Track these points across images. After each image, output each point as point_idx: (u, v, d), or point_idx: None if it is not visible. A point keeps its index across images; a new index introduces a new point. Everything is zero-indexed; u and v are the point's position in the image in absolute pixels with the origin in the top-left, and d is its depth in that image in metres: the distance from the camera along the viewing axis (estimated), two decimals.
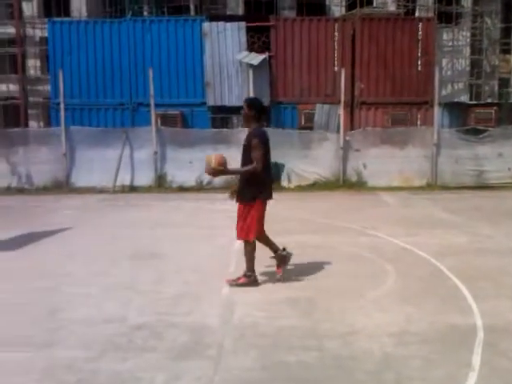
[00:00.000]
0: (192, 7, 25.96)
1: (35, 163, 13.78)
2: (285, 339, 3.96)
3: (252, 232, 5.16)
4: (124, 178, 13.43)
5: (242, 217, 5.21)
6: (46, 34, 17.97)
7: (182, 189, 13.26)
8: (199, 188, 13.31)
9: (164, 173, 13.56)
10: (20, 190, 13.51)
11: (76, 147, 13.77)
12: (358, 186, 13.47)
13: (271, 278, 5.45)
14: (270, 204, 5.34)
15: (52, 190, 13.45)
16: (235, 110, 13.86)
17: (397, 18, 17.13)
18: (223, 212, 9.99)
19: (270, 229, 5.45)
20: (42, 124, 24.86)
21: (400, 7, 21.20)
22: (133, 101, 15.56)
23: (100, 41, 15.82)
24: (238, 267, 5.54)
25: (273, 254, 5.47)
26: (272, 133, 13.70)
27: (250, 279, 5.25)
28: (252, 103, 5.31)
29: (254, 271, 5.28)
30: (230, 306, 4.70)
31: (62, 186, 13.56)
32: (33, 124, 25.67)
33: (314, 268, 5.85)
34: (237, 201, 5.28)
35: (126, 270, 5.92)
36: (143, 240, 7.55)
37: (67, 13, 26.30)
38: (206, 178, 13.41)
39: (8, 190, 13.49)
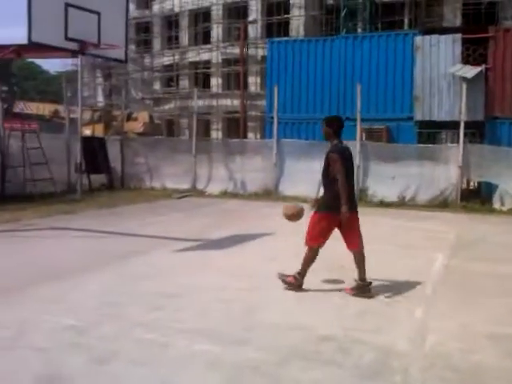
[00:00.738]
0: (406, 21, 25.48)
1: (249, 171, 14.97)
2: (479, 379, 3.61)
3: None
4: None
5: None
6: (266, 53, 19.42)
7: (383, 204, 13.02)
8: (400, 204, 12.92)
9: (365, 187, 13.51)
10: (234, 195, 14.80)
11: (285, 158, 14.56)
12: None
13: (471, 308, 5.05)
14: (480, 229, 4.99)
15: (262, 196, 14.42)
16: (445, 125, 13.16)
17: None
18: (424, 231, 9.58)
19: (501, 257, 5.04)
20: (258, 136, 26.93)
21: None
22: (340, 115, 15.87)
23: (313, 58, 16.51)
24: (435, 290, 5.26)
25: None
26: (485, 150, 12.85)
27: (297, 282, 5.52)
28: (330, 120, 5.54)
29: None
30: (422, 330, 4.47)
31: (271, 194, 14.45)
32: (250, 135, 27.98)
33: None
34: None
35: (317, 280, 6.06)
36: (337, 252, 7.61)
37: (286, 33, 28.08)
38: (409, 194, 13.00)
39: (224, 194, 14.90)
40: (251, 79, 30.03)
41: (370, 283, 5.46)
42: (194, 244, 7.98)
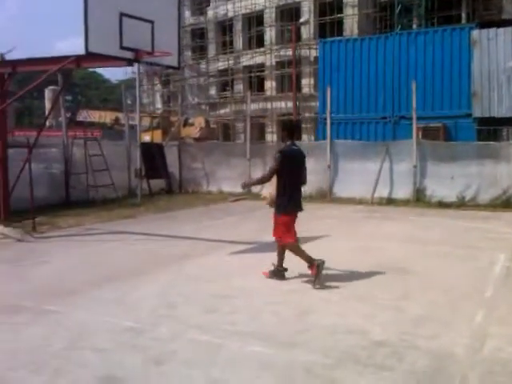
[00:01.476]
0: (464, 15, 24.66)
1: None
2: None
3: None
4: (382, 191, 13.53)
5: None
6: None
7: (442, 204, 12.64)
8: (460, 204, 12.51)
9: (423, 187, 13.17)
10: None
11: (339, 159, 14.43)
12: None
13: None
14: None
15: (316, 198, 14.33)
16: (506, 122, 12.65)
17: None
18: (484, 231, 9.27)
19: None
20: (312, 137, 26.81)
21: None
22: (395, 114, 15.60)
23: (366, 57, 16.32)
24: (497, 292, 5.08)
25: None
26: None
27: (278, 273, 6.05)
28: (285, 125, 6.29)
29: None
30: (481, 335, 4.34)
31: (325, 195, 14.35)
32: (305, 137, 27.90)
33: None
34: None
35: (373, 283, 5.98)
36: (394, 254, 7.52)
37: (340, 32, 27.83)
38: (469, 193, 12.57)
39: None
40: (304, 81, 29.96)
41: (286, 269, 6.13)
42: (248, 247, 8.07)
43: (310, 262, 5.84)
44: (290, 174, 5.92)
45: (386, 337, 4.31)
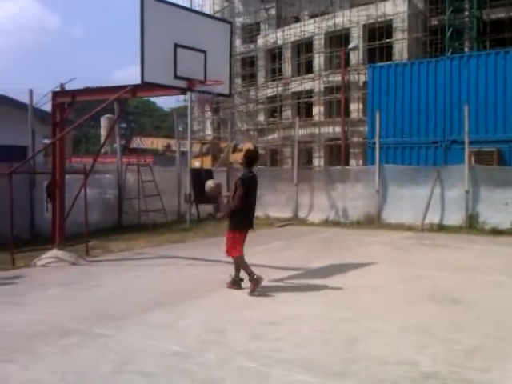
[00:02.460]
0: None
1: (351, 198, 14.78)
2: None
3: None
4: (433, 217, 13.18)
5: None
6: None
7: (495, 231, 12.16)
8: None
9: (475, 213, 12.74)
10: (336, 223, 14.68)
11: (388, 184, 14.21)
12: None
13: None
14: None
15: (364, 224, 14.15)
16: None
17: None
18: None
19: None
20: (361, 162, 26.61)
21: None
22: (446, 138, 15.30)
23: (416, 81, 16.16)
24: None
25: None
26: None
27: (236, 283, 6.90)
28: (245, 153, 6.98)
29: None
30: None
31: (373, 221, 14.14)
32: (353, 162, 27.72)
33: None
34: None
35: (423, 313, 5.82)
36: (446, 283, 7.30)
37: (389, 57, 27.72)
38: None
39: (326, 222, 14.84)
40: (353, 105, 29.89)
41: (242, 280, 6.91)
42: (295, 273, 8.03)
43: (251, 277, 6.66)
44: (246, 197, 6.79)
45: (436, 369, 4.18)
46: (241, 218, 6.83)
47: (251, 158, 7.01)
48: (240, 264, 6.88)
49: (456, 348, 4.67)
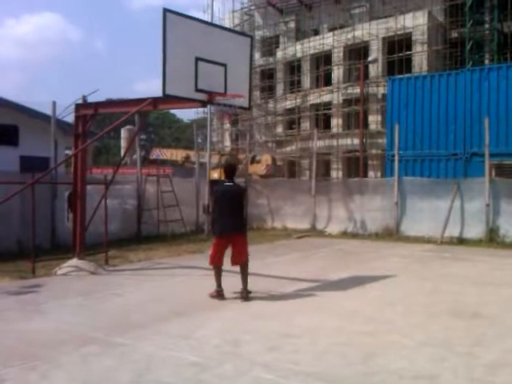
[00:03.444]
0: None
1: (369, 210, 14.74)
2: None
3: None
4: (452, 230, 13.06)
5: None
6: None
7: None
8: None
9: (496, 226, 12.59)
10: (354, 235, 14.62)
11: (407, 197, 14.13)
12: None
13: None
14: None
15: (383, 236, 14.07)
16: None
17: None
18: None
19: None
20: (379, 174, 26.46)
21: None
22: (466, 151, 15.19)
23: (436, 93, 16.11)
24: None
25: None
26: None
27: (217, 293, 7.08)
28: (223, 166, 7.59)
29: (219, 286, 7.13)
30: None
31: (392, 234, 14.05)
32: (371, 174, 27.59)
33: None
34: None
35: (443, 327, 5.75)
36: (467, 297, 7.21)
37: (409, 69, 27.62)
38: None
39: (344, 234, 14.79)
40: (372, 117, 29.80)
41: (250, 292, 7.15)
42: (313, 285, 8.01)
43: (218, 286, 7.10)
44: (220, 206, 7.03)
45: (456, 383, 4.13)
46: (216, 226, 7.17)
47: (229, 170, 7.32)
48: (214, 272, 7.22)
49: (476, 362, 4.60)
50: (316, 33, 34.23)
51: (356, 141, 28.80)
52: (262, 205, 16.82)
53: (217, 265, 7.18)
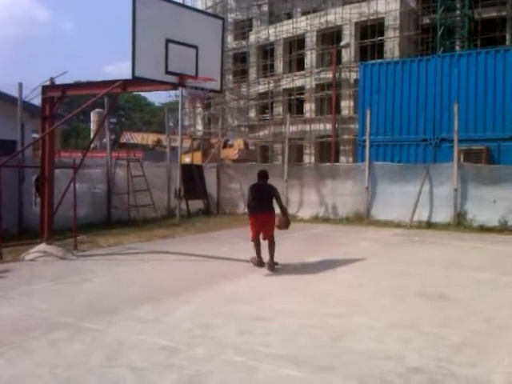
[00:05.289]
0: (508, 37, 24.25)
1: (341, 195, 14.85)
2: None
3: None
4: (421, 214, 13.28)
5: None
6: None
7: (483, 229, 12.30)
8: (502, 229, 12.14)
9: (464, 211, 12.86)
10: (326, 220, 14.74)
11: (377, 182, 14.27)
12: None
13: None
14: None
15: (353, 221, 14.22)
16: None
17: None
18: None
19: None
20: (350, 159, 26.70)
21: None
22: (436, 136, 15.41)
23: (407, 79, 16.25)
24: None
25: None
26: None
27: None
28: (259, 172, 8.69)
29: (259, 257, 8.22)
30: None
31: (362, 218, 14.21)
32: (343, 159, 27.82)
33: None
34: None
35: (411, 309, 5.88)
36: (434, 279, 7.37)
37: (381, 55, 27.79)
38: (511, 219, 12.22)
39: (316, 219, 14.89)
40: (344, 103, 29.96)
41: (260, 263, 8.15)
42: (284, 269, 8.06)
43: (258, 257, 8.19)
44: (256, 197, 8.31)
45: (422, 363, 4.23)
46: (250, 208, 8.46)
47: (260, 176, 8.61)
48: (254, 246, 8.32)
49: (442, 343, 4.72)
50: (289, 17, 34.09)
51: (328, 126, 28.94)
52: (235, 189, 16.78)
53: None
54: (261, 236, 8.27)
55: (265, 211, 8.28)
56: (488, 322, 5.38)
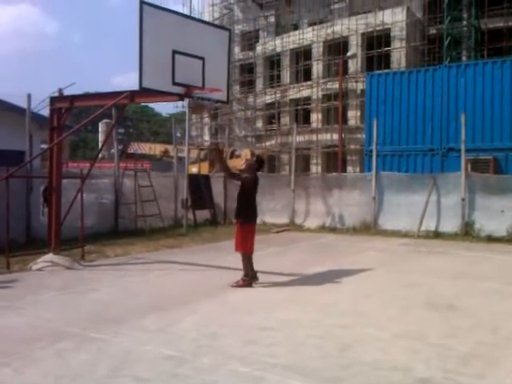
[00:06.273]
0: None
1: (347, 205, 14.83)
2: None
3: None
4: (429, 224, 13.23)
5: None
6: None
7: (491, 239, 12.23)
8: (510, 239, 12.05)
9: (471, 221, 12.79)
10: (332, 229, 14.71)
11: (384, 191, 14.25)
12: None
13: None
14: None
15: (360, 230, 14.18)
16: None
17: None
18: None
19: None
20: (357, 169, 26.65)
21: None
22: (443, 146, 15.38)
23: (414, 89, 16.25)
24: None
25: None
26: None
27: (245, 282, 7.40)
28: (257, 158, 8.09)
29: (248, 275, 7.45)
30: None
31: (369, 228, 14.17)
32: (350, 169, 27.77)
33: None
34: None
35: (418, 319, 5.84)
36: (441, 290, 7.32)
37: (387, 65, 27.82)
38: None
39: (323, 228, 14.86)
40: (351, 113, 29.96)
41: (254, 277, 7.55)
42: (290, 279, 8.04)
43: (251, 270, 7.49)
44: (252, 193, 7.82)
45: (430, 374, 4.19)
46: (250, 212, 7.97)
47: (259, 164, 7.99)
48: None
49: (450, 354, 4.67)
50: (296, 28, 34.23)
51: (335, 136, 28.91)
52: None
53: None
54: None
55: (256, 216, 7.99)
56: (496, 332, 5.33)
